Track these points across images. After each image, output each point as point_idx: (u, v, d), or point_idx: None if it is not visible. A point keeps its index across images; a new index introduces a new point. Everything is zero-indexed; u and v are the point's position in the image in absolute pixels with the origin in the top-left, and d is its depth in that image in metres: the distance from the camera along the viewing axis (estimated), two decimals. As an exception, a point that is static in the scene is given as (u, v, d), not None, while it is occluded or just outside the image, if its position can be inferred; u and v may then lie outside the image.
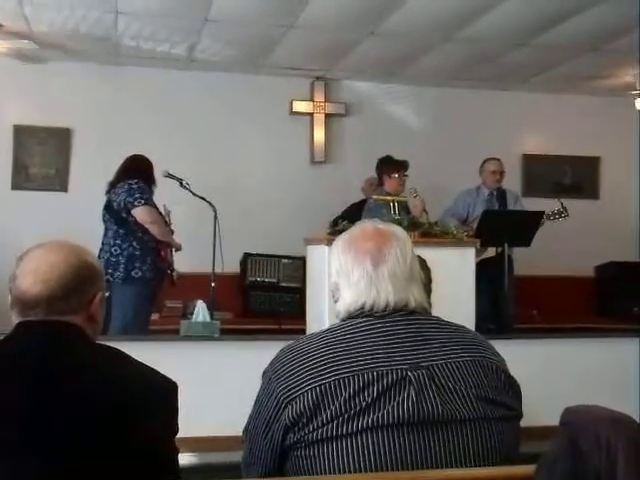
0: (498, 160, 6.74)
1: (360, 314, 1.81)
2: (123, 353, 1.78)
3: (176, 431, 1.75)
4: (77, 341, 1.75)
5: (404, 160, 6.14)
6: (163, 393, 1.73)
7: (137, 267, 5.35)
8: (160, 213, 5.57)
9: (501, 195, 6.67)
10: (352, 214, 5.92)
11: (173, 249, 5.66)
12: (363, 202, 6.80)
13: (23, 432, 1.57)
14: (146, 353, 2.26)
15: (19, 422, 1.58)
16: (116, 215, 5.42)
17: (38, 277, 1.75)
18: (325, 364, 1.71)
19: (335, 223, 5.61)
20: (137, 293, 5.35)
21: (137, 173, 5.49)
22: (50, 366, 1.66)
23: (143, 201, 5.33)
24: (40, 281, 1.74)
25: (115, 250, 5.39)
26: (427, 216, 5.51)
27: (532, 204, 6.83)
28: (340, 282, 1.88)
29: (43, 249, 1.82)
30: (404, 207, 5.84)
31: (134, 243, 5.38)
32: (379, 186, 6.23)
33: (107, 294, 5.03)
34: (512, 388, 1.83)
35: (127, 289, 5.32)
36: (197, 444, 4.20)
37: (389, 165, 6.15)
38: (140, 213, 5.34)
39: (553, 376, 4.91)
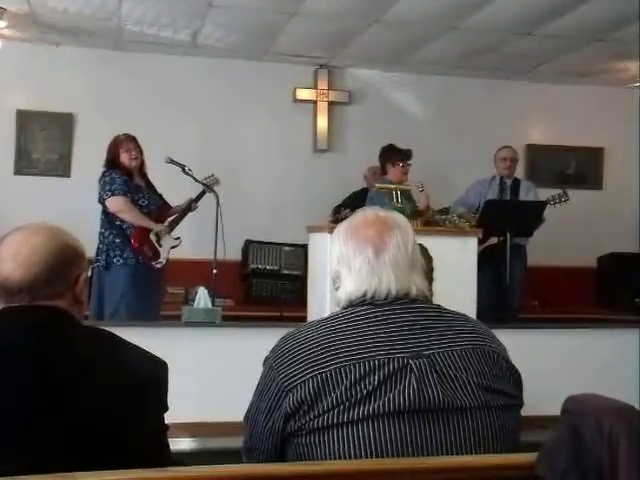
0: (510, 148, 6.72)
1: (361, 302, 1.81)
2: (113, 335, 1.76)
3: (166, 409, 1.75)
4: (65, 325, 1.72)
5: (408, 149, 6.13)
6: (154, 372, 1.73)
7: (118, 255, 5.41)
8: (139, 197, 5.57)
9: (514, 185, 6.65)
10: (354, 202, 5.91)
11: (158, 234, 5.62)
12: (365, 190, 6.80)
13: (19, 422, 1.55)
14: (147, 339, 2.27)
15: (12, 412, 1.56)
16: (101, 206, 5.54)
17: (19, 262, 1.70)
18: (326, 352, 1.71)
19: (337, 211, 5.62)
20: (123, 281, 5.39)
21: (106, 164, 5.59)
22: (38, 352, 1.63)
23: (110, 193, 5.43)
24: (21, 266, 1.70)
25: (100, 237, 5.50)
26: (432, 212, 5.50)
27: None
28: (341, 270, 1.87)
29: (22, 233, 1.77)
30: (407, 196, 5.84)
31: (114, 231, 5.46)
32: (382, 175, 6.22)
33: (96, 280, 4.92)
34: (513, 376, 1.83)
35: (112, 277, 5.40)
36: (198, 429, 4.22)
37: (393, 154, 6.14)
38: (109, 205, 5.46)
39: (557, 366, 4.92)
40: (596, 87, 8.21)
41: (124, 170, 5.53)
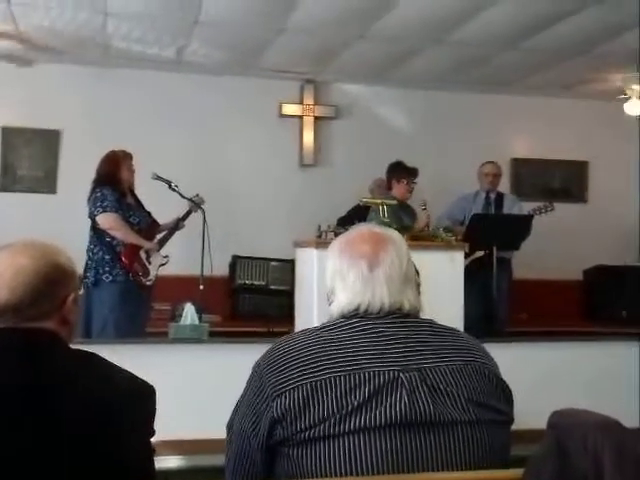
0: (493, 163, 6.79)
1: (354, 315, 1.82)
2: (99, 357, 1.73)
3: (153, 433, 1.73)
4: (50, 348, 1.69)
5: (414, 168, 6.22)
6: (141, 398, 1.70)
7: (107, 271, 5.41)
8: (130, 215, 5.57)
9: (498, 199, 6.70)
10: (357, 215, 5.92)
11: (148, 251, 5.62)
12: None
13: (3, 444, 1.53)
14: (134, 356, 2.26)
15: None
16: (91, 222, 5.53)
17: (4, 284, 1.67)
18: (317, 361, 1.71)
19: (341, 222, 5.66)
20: (111, 298, 5.39)
21: (99, 180, 5.58)
22: (22, 375, 1.61)
23: (101, 209, 5.44)
24: (6, 288, 1.67)
25: (89, 254, 5.48)
26: (429, 230, 5.55)
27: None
28: (335, 285, 1.88)
29: (9, 251, 1.73)
30: (406, 211, 5.91)
31: (103, 248, 5.45)
32: (387, 190, 6.29)
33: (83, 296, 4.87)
34: (504, 393, 1.83)
35: (100, 294, 5.39)
36: (184, 447, 4.19)
37: (399, 170, 6.23)
38: (100, 221, 5.46)
39: (546, 379, 4.92)
40: (580, 100, 8.26)
41: (117, 187, 5.54)
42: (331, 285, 1.90)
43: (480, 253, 6.10)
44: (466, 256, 5.43)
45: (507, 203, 6.69)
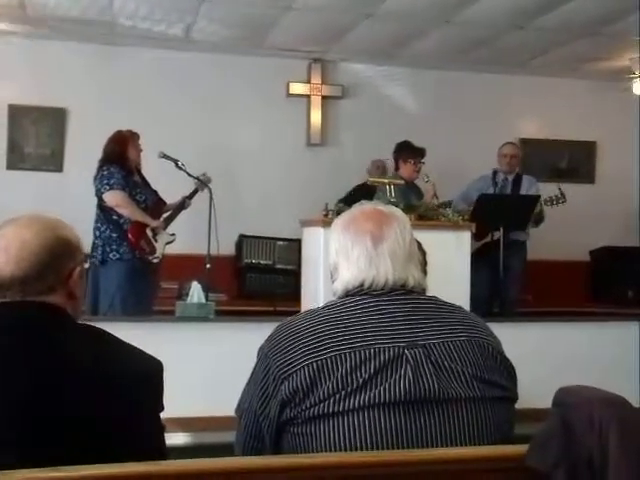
0: (512, 144, 6.79)
1: (358, 292, 1.81)
2: (106, 332, 1.73)
3: (162, 409, 1.73)
4: (57, 322, 1.69)
5: (422, 147, 6.21)
6: (149, 373, 1.70)
7: (114, 250, 5.43)
8: (136, 192, 5.59)
9: (516, 180, 6.67)
10: (357, 196, 5.91)
11: (154, 229, 5.63)
12: (365, 184, 6.79)
13: (14, 422, 1.54)
14: (140, 334, 2.27)
15: (5, 413, 1.54)
16: (97, 200, 5.54)
17: (10, 257, 1.67)
18: (322, 340, 1.71)
19: (342, 203, 5.66)
20: (118, 275, 5.41)
21: (106, 158, 5.59)
22: (29, 350, 1.61)
23: (109, 187, 5.45)
24: (12, 262, 1.66)
25: (96, 232, 5.50)
26: (437, 200, 5.54)
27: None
28: (339, 261, 1.88)
29: (15, 225, 1.73)
30: (414, 191, 5.90)
31: (110, 226, 5.47)
32: (395, 170, 6.28)
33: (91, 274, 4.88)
34: (507, 370, 1.83)
35: (107, 272, 5.42)
36: (191, 424, 4.22)
37: (406, 150, 6.22)
38: (107, 198, 5.47)
39: (550, 359, 4.92)
40: (589, 81, 8.21)
41: (124, 165, 5.55)
42: (334, 262, 1.89)
43: (496, 235, 6.09)
44: (480, 238, 5.43)
45: (525, 184, 6.66)
